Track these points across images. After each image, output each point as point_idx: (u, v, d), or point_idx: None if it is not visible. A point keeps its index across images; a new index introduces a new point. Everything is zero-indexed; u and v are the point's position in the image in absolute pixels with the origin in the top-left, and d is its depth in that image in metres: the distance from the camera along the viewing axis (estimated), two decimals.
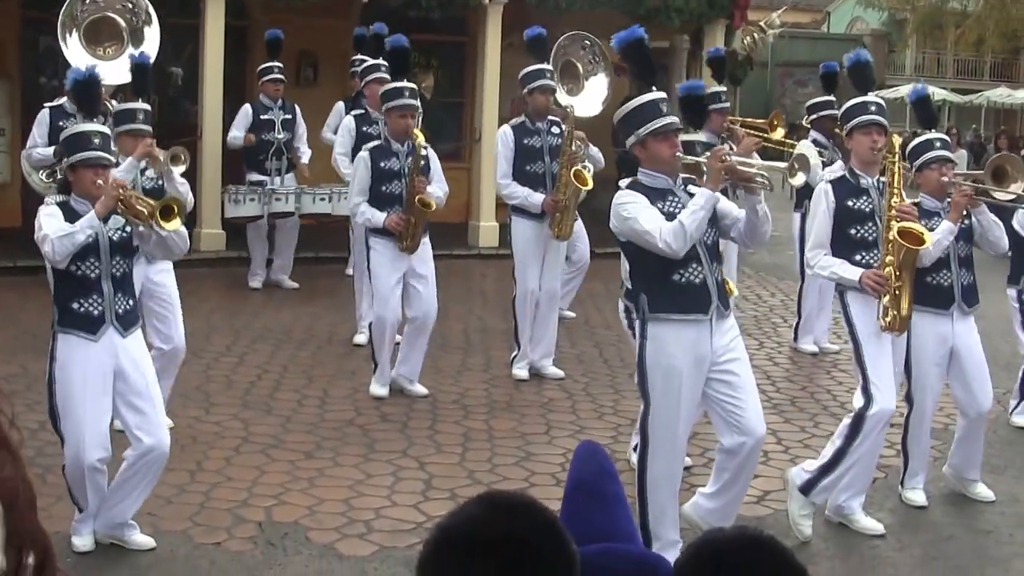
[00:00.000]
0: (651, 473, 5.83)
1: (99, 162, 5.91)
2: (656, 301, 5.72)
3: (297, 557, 6.03)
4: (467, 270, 14.46)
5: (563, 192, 9.20)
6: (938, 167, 6.92)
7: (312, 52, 16.39)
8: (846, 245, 6.62)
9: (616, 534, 1.36)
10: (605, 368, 10.09)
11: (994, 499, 7.23)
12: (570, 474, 1.42)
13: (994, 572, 6.27)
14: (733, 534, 1.28)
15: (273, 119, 12.40)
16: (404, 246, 8.64)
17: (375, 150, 8.72)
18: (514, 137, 9.30)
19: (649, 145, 5.76)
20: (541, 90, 9.30)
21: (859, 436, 6.44)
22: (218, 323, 11.14)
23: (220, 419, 8.24)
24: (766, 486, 7.12)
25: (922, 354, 6.95)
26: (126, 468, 5.94)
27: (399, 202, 8.61)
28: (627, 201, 5.70)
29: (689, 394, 5.76)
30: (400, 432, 8.14)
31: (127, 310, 6.01)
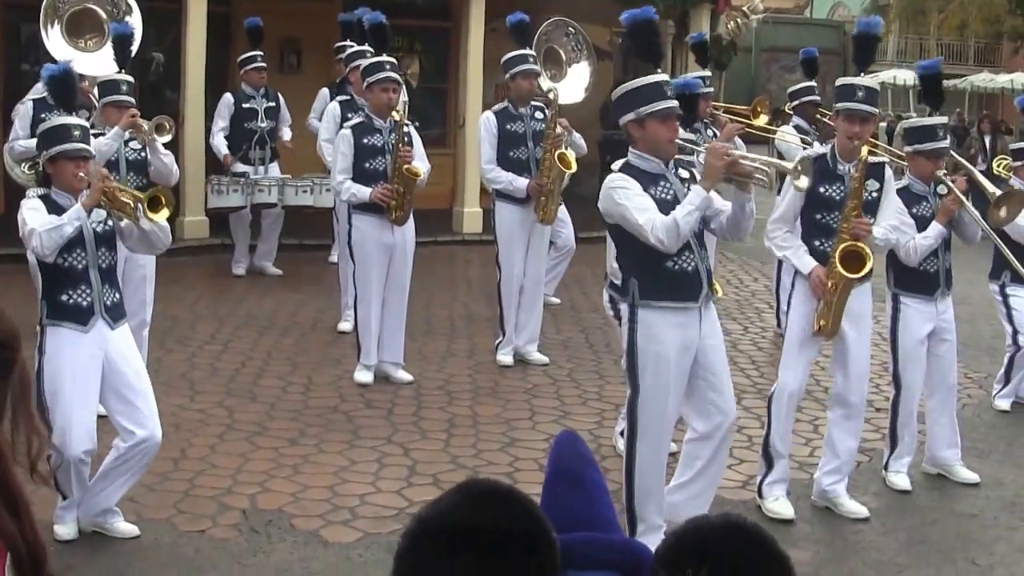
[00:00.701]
0: (639, 458, 5.84)
1: (79, 154, 5.89)
2: (647, 288, 5.71)
3: (281, 544, 6.02)
4: (452, 256, 14.47)
5: (547, 176, 9.19)
6: (936, 159, 6.98)
7: (295, 39, 16.32)
8: (810, 229, 6.61)
9: (596, 521, 1.34)
10: (590, 353, 10.09)
11: (979, 481, 7.27)
12: (550, 462, 1.41)
13: (979, 555, 6.28)
14: (716, 521, 1.29)
15: (256, 107, 12.34)
16: (394, 216, 8.59)
17: (357, 127, 8.67)
18: (497, 123, 9.29)
19: (648, 126, 5.69)
20: (524, 75, 9.28)
21: (771, 418, 6.69)
22: (202, 311, 11.11)
23: (204, 407, 8.22)
24: (750, 471, 7.12)
25: (909, 336, 7.07)
26: (116, 458, 5.90)
27: (383, 178, 8.57)
28: (620, 186, 5.64)
29: (677, 380, 5.77)
30: (385, 418, 8.14)
31: (115, 302, 6.01)
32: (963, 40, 44.68)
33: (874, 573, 6.00)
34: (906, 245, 6.94)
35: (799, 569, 5.13)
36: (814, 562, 6.12)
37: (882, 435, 8.04)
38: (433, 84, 16.94)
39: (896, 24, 46.13)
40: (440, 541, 1.18)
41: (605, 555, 1.29)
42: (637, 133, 5.74)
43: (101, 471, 5.93)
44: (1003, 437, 8.31)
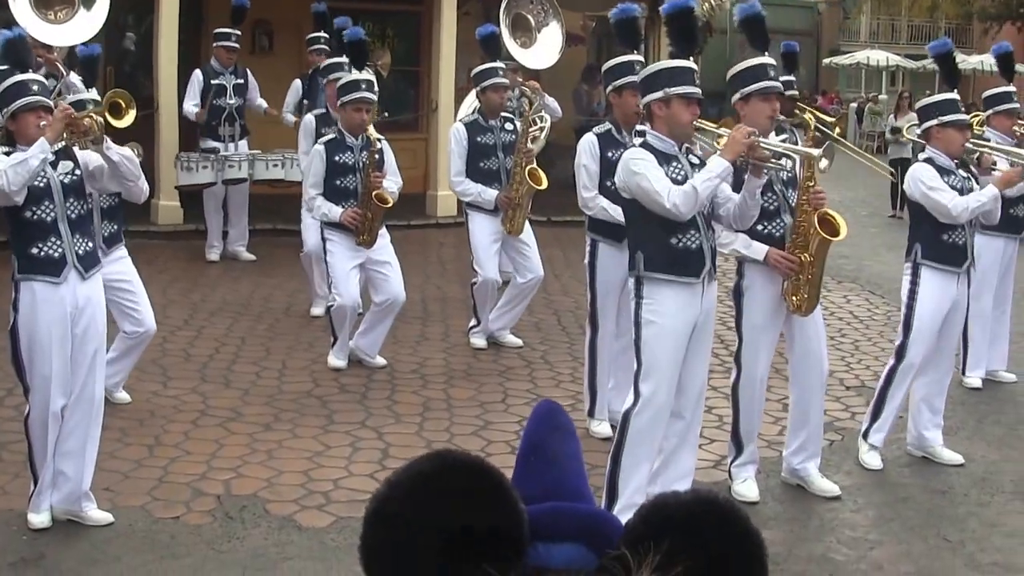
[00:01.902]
0: (632, 430, 5.96)
1: (39, 104, 5.87)
2: (653, 262, 5.86)
3: (256, 529, 6.03)
4: (425, 239, 14.44)
5: (516, 190, 9.23)
6: (963, 130, 7.09)
7: (267, 21, 16.25)
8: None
9: (566, 491, 1.32)
10: (563, 336, 10.12)
11: (963, 463, 7.31)
12: (524, 432, 1.38)
13: (950, 531, 6.33)
14: (686, 496, 1.25)
15: (225, 84, 12.33)
16: (361, 240, 8.62)
17: (330, 144, 8.69)
18: (467, 135, 9.33)
19: (673, 106, 5.83)
20: (493, 88, 9.35)
21: (739, 405, 6.66)
22: (176, 296, 11.09)
23: (178, 393, 8.21)
24: (721, 450, 7.16)
25: (927, 309, 7.11)
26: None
27: (354, 196, 8.60)
28: (639, 157, 5.80)
29: (675, 354, 5.92)
30: (358, 402, 8.15)
31: (87, 251, 5.98)
32: (934, 21, 44.85)
33: (846, 550, 6.04)
34: (954, 203, 6.95)
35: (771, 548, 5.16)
36: (787, 541, 6.16)
37: (852, 414, 8.14)
38: (406, 68, 16.91)
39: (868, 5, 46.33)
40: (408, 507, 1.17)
41: (571, 526, 1.25)
42: (660, 112, 5.88)
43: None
44: (972, 414, 8.38)
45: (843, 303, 11.67)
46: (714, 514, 1.23)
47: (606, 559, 1.19)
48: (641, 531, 1.20)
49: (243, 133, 12.58)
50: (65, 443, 5.93)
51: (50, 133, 5.75)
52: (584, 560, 1.22)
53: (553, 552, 1.22)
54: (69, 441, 5.93)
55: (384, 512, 1.18)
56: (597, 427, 7.57)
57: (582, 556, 1.23)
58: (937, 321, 7.13)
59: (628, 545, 1.18)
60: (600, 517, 1.30)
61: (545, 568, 1.20)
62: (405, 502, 1.17)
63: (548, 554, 1.22)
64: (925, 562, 5.96)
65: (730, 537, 1.23)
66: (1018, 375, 9.24)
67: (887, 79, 43.30)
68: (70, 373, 5.88)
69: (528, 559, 1.20)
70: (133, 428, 7.40)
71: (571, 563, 1.22)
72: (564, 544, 1.23)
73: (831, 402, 8.26)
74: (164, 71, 13.71)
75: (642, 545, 1.17)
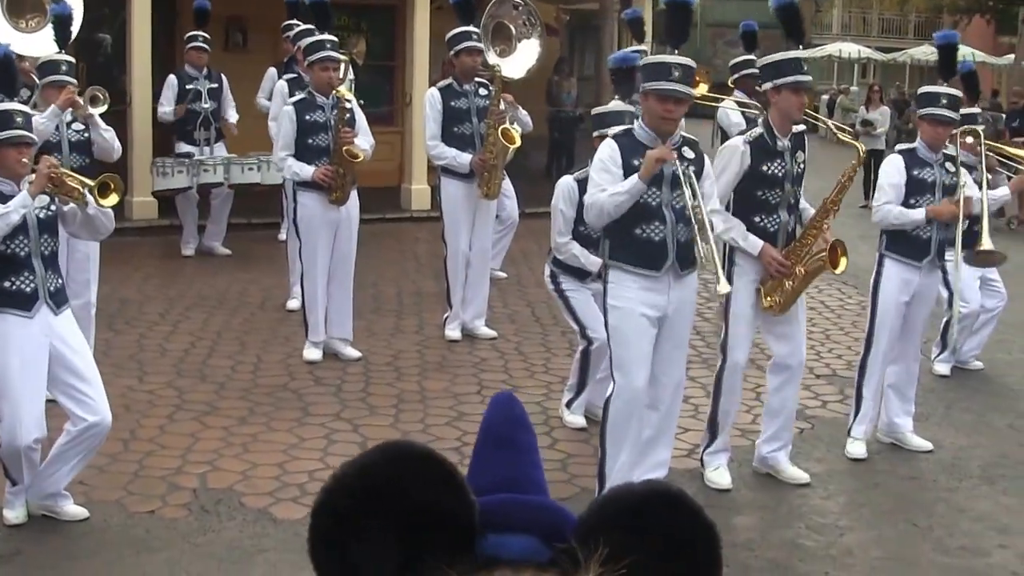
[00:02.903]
0: (610, 414, 6.10)
1: (22, 140, 5.85)
2: (615, 249, 5.99)
3: (231, 522, 6.05)
4: (400, 233, 14.47)
5: (491, 151, 9.25)
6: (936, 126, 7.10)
7: (241, 17, 16.24)
8: (749, 205, 6.57)
9: (521, 482, 1.31)
10: (537, 327, 10.17)
11: (931, 449, 7.40)
12: (481, 425, 1.37)
13: (918, 516, 6.42)
14: (638, 488, 1.23)
15: (199, 88, 12.32)
16: (334, 197, 8.64)
17: (299, 103, 8.71)
18: (442, 99, 9.33)
19: (650, 100, 5.94)
20: (467, 52, 9.33)
21: (721, 392, 6.70)
22: (151, 291, 11.09)
23: (154, 387, 8.22)
24: (696, 439, 7.22)
25: (889, 299, 7.19)
26: (67, 441, 5.89)
27: (326, 155, 8.62)
28: (600, 156, 5.97)
29: (643, 339, 6.00)
30: (334, 395, 8.18)
31: (58, 288, 5.98)
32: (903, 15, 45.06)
33: (817, 536, 6.11)
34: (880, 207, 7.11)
35: (743, 535, 5.23)
36: (758, 527, 6.24)
37: (823, 403, 8.21)
38: (380, 62, 16.92)
39: None
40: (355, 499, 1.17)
41: (523, 517, 1.24)
42: (643, 104, 6.06)
43: (52, 454, 5.92)
44: (942, 401, 8.48)
45: (815, 292, 11.71)
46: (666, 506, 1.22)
47: (556, 552, 1.19)
48: (592, 524, 1.20)
49: (218, 137, 12.59)
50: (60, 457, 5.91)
51: (33, 188, 5.75)
52: (536, 552, 1.21)
53: (505, 543, 1.21)
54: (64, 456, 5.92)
55: (331, 505, 1.18)
56: (571, 417, 7.63)
57: (534, 548, 1.22)
58: (899, 311, 7.21)
59: (579, 538, 1.18)
60: (552, 509, 1.28)
61: (496, 559, 1.19)
62: (352, 495, 1.17)
63: (500, 545, 1.21)
64: (894, 547, 6.04)
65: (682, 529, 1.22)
66: (986, 362, 9.37)
67: (858, 71, 43.54)
68: (43, 409, 5.84)
69: (479, 549, 1.19)
70: None
71: (523, 554, 1.20)
72: (516, 535, 1.23)
73: (802, 391, 8.33)
74: (137, 69, 13.72)
75: (592, 538, 1.17)
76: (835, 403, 8.00)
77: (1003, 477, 7.01)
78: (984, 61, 35.26)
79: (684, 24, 6.25)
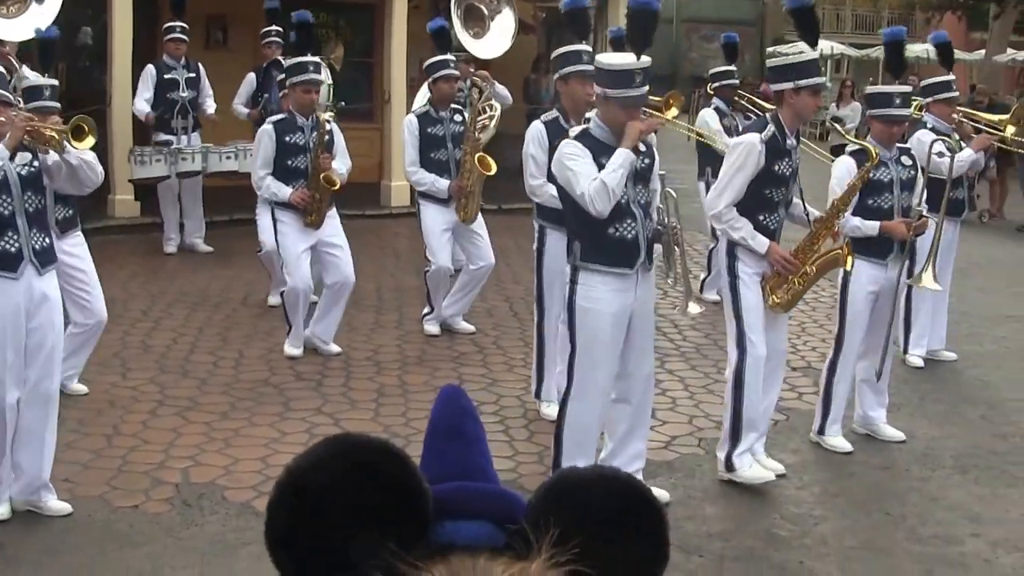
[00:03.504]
0: (569, 415, 6.09)
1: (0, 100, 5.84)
2: (588, 251, 5.98)
3: (214, 516, 6.09)
4: (380, 229, 14.54)
5: (467, 178, 9.36)
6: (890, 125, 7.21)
7: (221, 15, 16.28)
8: (756, 204, 6.52)
9: (471, 471, 1.33)
10: (515, 322, 10.25)
11: (904, 439, 7.49)
12: (430, 417, 1.40)
13: (892, 505, 6.49)
14: (586, 472, 1.26)
15: (177, 78, 12.40)
16: (309, 221, 8.74)
17: (279, 123, 8.78)
18: (419, 126, 9.43)
19: (611, 106, 5.95)
20: (444, 79, 9.47)
21: (744, 389, 6.58)
22: (135, 289, 11.13)
23: (137, 383, 8.26)
24: (673, 431, 7.30)
25: (858, 298, 7.25)
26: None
27: (304, 176, 8.71)
28: (572, 153, 5.90)
29: (611, 341, 6.02)
30: (315, 390, 8.23)
31: (44, 247, 5.95)
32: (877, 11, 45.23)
33: (792, 526, 6.18)
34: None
35: (718, 525, 5.31)
36: (734, 517, 6.30)
37: (799, 395, 8.29)
38: (359, 60, 16.98)
39: None
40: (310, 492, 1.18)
41: (476, 504, 1.27)
42: (602, 106, 6.03)
43: None
44: (915, 392, 8.57)
45: None
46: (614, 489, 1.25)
47: (509, 534, 1.22)
48: (543, 507, 1.22)
49: (196, 126, 12.65)
50: (21, 437, 5.94)
51: (9, 141, 5.72)
52: (490, 537, 1.24)
53: (459, 529, 1.23)
54: (24, 435, 5.94)
55: (285, 497, 1.19)
56: (547, 409, 7.68)
57: (488, 533, 1.24)
58: (869, 308, 7.29)
59: (530, 521, 1.21)
60: (504, 495, 1.31)
61: (451, 545, 1.20)
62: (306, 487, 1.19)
63: (455, 531, 1.23)
64: (868, 536, 6.10)
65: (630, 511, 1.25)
66: (958, 354, 9.47)
67: (832, 67, 43.68)
68: (23, 366, 5.87)
69: (434, 537, 1.21)
70: (91, 419, 7.45)
71: (477, 540, 1.22)
72: (470, 522, 1.25)
73: None
74: (118, 66, 13.72)
75: (543, 521, 1.19)
76: (810, 395, 8.08)
77: (975, 467, 7.10)
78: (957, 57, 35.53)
79: (649, 29, 6.28)
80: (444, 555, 1.17)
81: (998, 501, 6.59)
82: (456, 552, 1.18)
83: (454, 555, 1.18)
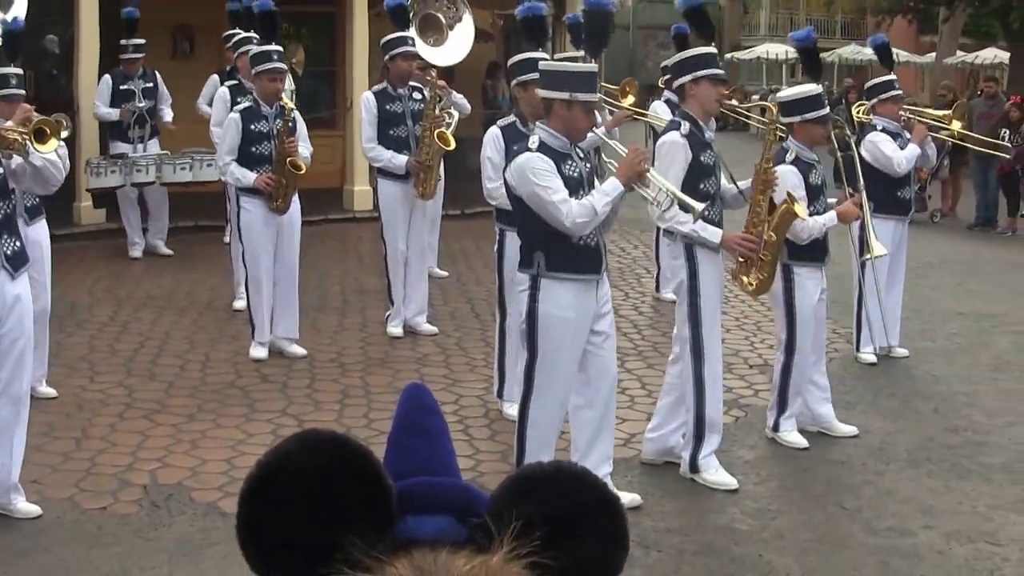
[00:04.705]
0: (530, 420, 6.11)
1: None
2: (553, 261, 5.93)
3: (181, 517, 6.13)
4: (343, 233, 14.63)
5: (426, 153, 9.42)
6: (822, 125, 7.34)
7: (188, 25, 16.34)
8: (696, 198, 6.47)
9: (435, 467, 1.36)
10: (477, 323, 10.33)
11: (857, 434, 7.61)
12: (394, 414, 1.42)
13: (847, 499, 6.61)
14: (546, 467, 1.30)
15: (133, 88, 12.55)
16: (275, 206, 8.80)
17: (245, 112, 8.84)
18: (377, 103, 9.50)
19: (575, 111, 5.90)
20: (403, 56, 9.50)
21: (706, 394, 6.69)
22: (101, 294, 11.17)
23: (104, 387, 8.31)
24: (632, 429, 7.38)
25: (806, 304, 7.34)
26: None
27: (268, 162, 8.77)
28: (541, 168, 5.80)
29: (574, 346, 6.03)
30: (280, 392, 8.30)
31: (15, 251, 5.98)
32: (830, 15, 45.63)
33: (750, 520, 6.28)
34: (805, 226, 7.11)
35: (678, 520, 5.42)
36: (694, 512, 6.41)
37: (755, 392, 8.42)
38: (321, 67, 17.04)
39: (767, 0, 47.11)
40: (277, 485, 1.22)
41: (439, 498, 1.29)
42: (562, 112, 5.92)
43: None
44: (869, 388, 8.69)
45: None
46: (571, 483, 1.29)
47: (471, 528, 1.25)
48: (504, 501, 1.25)
49: (153, 133, 12.80)
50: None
51: None
52: (453, 531, 1.26)
53: (422, 524, 1.26)
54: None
55: (255, 492, 1.22)
56: (509, 408, 7.72)
57: (451, 527, 1.27)
58: (814, 311, 7.41)
59: (492, 515, 1.24)
60: (466, 489, 1.33)
61: (415, 539, 1.23)
62: (274, 481, 1.22)
63: (417, 526, 1.25)
64: (825, 529, 6.21)
65: (588, 504, 1.28)
66: (910, 350, 9.62)
67: (787, 71, 44.10)
68: None
69: (398, 531, 1.24)
70: (60, 422, 7.49)
71: (440, 534, 1.25)
72: (433, 516, 1.27)
73: (735, 380, 8.60)
74: (85, 75, 13.74)
75: (505, 514, 1.22)
76: (767, 392, 8.17)
77: (928, 460, 7.22)
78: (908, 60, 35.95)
79: (605, 31, 6.36)
80: (407, 549, 1.20)
81: (950, 493, 6.71)
82: (419, 546, 1.21)
83: (417, 549, 1.20)
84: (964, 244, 14.65)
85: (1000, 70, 31.58)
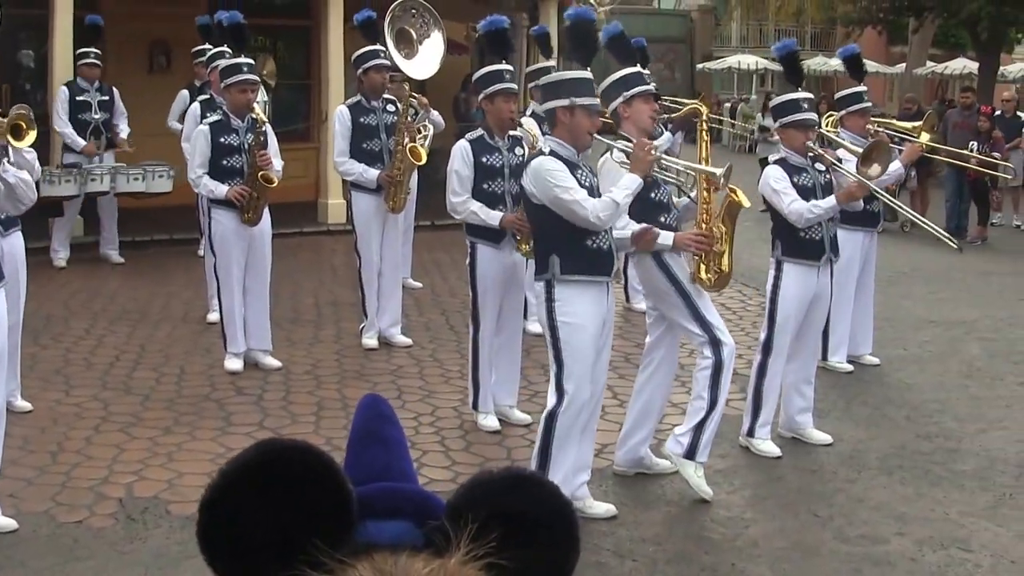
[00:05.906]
0: (559, 428, 6.12)
1: None
2: (568, 263, 6.02)
3: (158, 530, 6.12)
4: (317, 246, 14.66)
5: (398, 167, 9.47)
6: (804, 130, 7.40)
7: (164, 40, 16.34)
8: (650, 209, 6.58)
9: (393, 473, 1.39)
10: (451, 335, 10.36)
11: (831, 442, 7.67)
12: (352, 424, 1.45)
13: (819, 507, 6.65)
14: (501, 473, 1.34)
15: (89, 100, 12.67)
16: (246, 218, 8.82)
17: (215, 125, 8.84)
18: (351, 116, 9.55)
19: (577, 115, 6.01)
20: (375, 69, 9.58)
21: (722, 381, 6.70)
22: (76, 307, 11.17)
23: (80, 400, 8.30)
24: (603, 439, 7.35)
25: (790, 302, 7.42)
26: None
27: (239, 175, 8.78)
28: (556, 169, 5.94)
29: (591, 351, 6.10)
30: (255, 404, 8.31)
31: None
32: (799, 26, 45.87)
33: (723, 529, 6.32)
34: (791, 207, 7.25)
35: (651, 529, 5.51)
36: (666, 521, 6.44)
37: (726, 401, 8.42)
38: (296, 80, 17.07)
39: (738, 11, 47.36)
40: (239, 494, 1.23)
41: (399, 504, 1.32)
42: (565, 119, 6.05)
43: None
44: (841, 396, 8.77)
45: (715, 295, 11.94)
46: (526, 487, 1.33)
47: (429, 531, 1.28)
48: (461, 505, 1.28)
49: (109, 145, 12.90)
50: None
51: None
52: (412, 536, 1.29)
53: (382, 528, 1.28)
54: None
55: (217, 500, 1.24)
56: (484, 420, 7.79)
57: (410, 532, 1.29)
58: (801, 312, 7.47)
59: (449, 519, 1.27)
60: (424, 495, 1.36)
61: (375, 543, 1.25)
62: (236, 489, 1.23)
63: (377, 531, 1.28)
64: (797, 537, 6.25)
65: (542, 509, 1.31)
66: (882, 358, 9.70)
67: (757, 81, 44.37)
68: None
69: (359, 536, 1.26)
70: (36, 436, 7.48)
71: (399, 538, 1.27)
72: (392, 521, 1.30)
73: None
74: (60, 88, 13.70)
75: (462, 519, 1.25)
76: (739, 401, 8.18)
77: (900, 468, 7.28)
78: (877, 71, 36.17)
79: (590, 40, 6.40)
80: (368, 553, 1.22)
81: (922, 500, 6.76)
82: (379, 551, 1.23)
83: (378, 553, 1.22)
84: (934, 253, 14.75)
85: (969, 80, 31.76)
